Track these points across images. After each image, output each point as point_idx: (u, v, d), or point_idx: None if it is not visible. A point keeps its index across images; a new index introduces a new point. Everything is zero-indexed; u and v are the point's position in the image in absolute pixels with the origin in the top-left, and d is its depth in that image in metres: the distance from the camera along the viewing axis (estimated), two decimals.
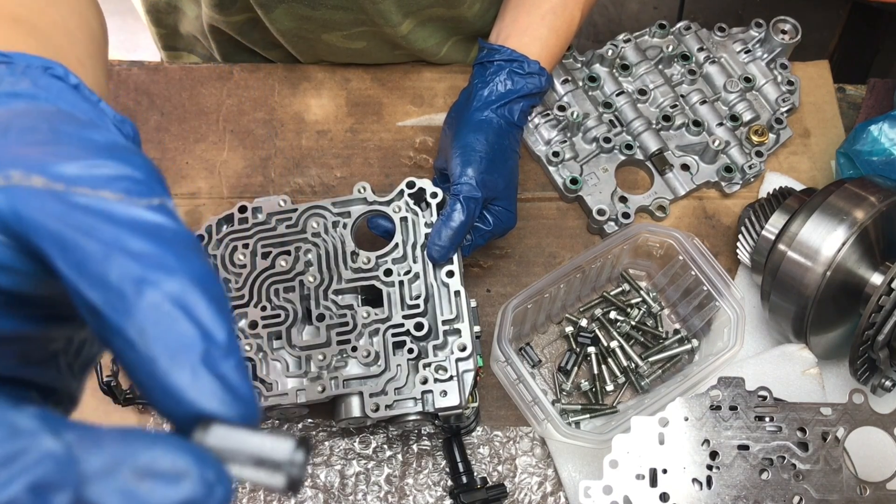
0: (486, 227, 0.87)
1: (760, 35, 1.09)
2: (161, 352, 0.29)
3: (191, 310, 0.29)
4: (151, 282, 0.29)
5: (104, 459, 0.27)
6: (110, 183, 0.32)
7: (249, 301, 0.81)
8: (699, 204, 1.03)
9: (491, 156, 0.86)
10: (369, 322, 0.80)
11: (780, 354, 0.89)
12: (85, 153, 0.33)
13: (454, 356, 0.79)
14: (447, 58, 1.10)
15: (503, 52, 0.92)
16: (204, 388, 0.29)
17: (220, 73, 1.09)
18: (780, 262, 0.85)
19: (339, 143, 1.06)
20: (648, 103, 1.06)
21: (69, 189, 0.31)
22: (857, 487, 0.72)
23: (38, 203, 0.30)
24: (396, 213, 0.84)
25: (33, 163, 0.32)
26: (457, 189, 0.83)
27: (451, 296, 0.81)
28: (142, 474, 0.28)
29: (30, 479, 0.26)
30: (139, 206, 0.32)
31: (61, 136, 0.34)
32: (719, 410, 0.75)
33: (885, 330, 0.79)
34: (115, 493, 0.27)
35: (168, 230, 0.31)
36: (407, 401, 0.78)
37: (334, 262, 0.82)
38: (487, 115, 0.89)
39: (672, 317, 0.97)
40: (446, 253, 0.81)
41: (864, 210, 0.82)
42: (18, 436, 0.26)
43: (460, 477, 0.86)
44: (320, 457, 0.90)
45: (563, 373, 0.93)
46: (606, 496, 0.73)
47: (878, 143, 0.93)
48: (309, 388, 0.78)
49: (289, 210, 0.85)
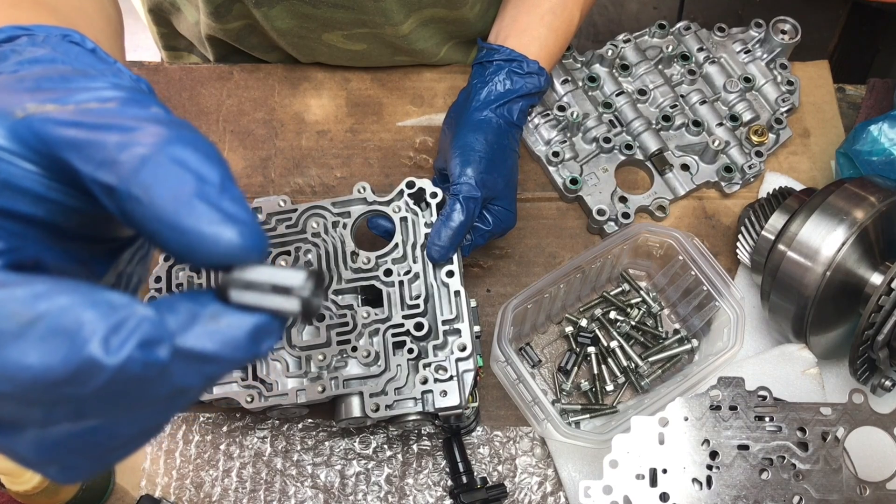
0: (486, 227, 0.87)
1: (760, 35, 1.09)
2: (162, 197, 0.34)
3: (184, 162, 0.35)
4: (151, 153, 0.35)
5: (183, 315, 0.34)
6: (116, 100, 0.38)
7: None
8: (699, 204, 1.03)
9: (490, 155, 0.86)
10: (369, 322, 0.80)
11: (780, 354, 0.89)
12: (94, 90, 0.38)
13: (454, 356, 0.79)
14: (446, 59, 1.10)
15: (502, 51, 0.92)
16: (202, 216, 0.34)
17: (220, 73, 1.09)
18: (779, 262, 0.85)
19: (339, 143, 1.06)
20: (648, 103, 1.06)
21: (78, 107, 0.37)
22: (857, 487, 0.72)
23: (53, 123, 0.36)
24: (396, 213, 0.84)
25: (46, 99, 0.37)
26: (456, 189, 0.83)
27: (451, 296, 0.81)
28: (215, 317, 0.35)
29: (138, 339, 0.32)
30: (141, 107, 0.38)
31: (72, 82, 0.39)
32: (719, 410, 0.75)
33: (884, 330, 0.79)
34: (204, 335, 0.34)
35: (163, 117, 0.37)
36: (407, 401, 0.78)
37: (334, 263, 0.82)
38: (487, 114, 0.89)
39: (672, 317, 0.97)
40: (446, 253, 0.81)
41: (863, 210, 0.82)
42: (116, 309, 0.32)
43: (460, 477, 0.86)
44: (320, 457, 0.90)
45: (563, 373, 0.93)
46: (606, 496, 0.73)
47: (878, 143, 0.93)
48: (309, 388, 0.78)
49: (289, 210, 0.85)
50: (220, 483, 0.89)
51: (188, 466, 0.89)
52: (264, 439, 0.90)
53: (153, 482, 0.88)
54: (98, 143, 0.35)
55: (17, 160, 0.36)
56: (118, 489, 0.88)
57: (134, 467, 0.89)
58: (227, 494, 0.88)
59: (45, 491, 0.76)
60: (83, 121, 0.36)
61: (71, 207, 0.38)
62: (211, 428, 0.91)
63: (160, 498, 0.87)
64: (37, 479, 0.75)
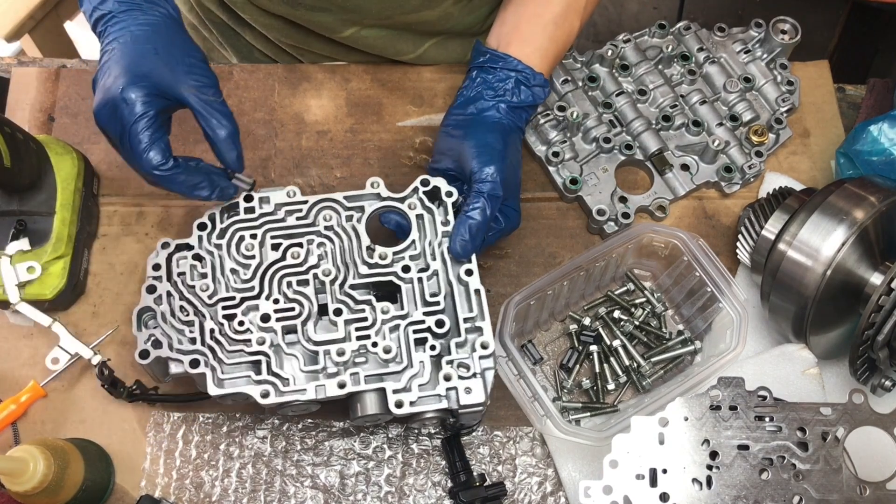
0: (498, 227, 0.88)
1: (760, 35, 1.09)
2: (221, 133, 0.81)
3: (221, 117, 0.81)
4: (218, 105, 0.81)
5: None
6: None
7: (260, 293, 0.80)
8: (699, 204, 1.03)
9: (507, 157, 0.88)
10: (389, 318, 0.79)
11: (780, 354, 0.89)
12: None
13: (477, 353, 0.79)
14: (426, 58, 1.10)
15: (509, 61, 0.93)
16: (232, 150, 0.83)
17: (220, 73, 1.09)
18: (780, 262, 0.85)
19: (338, 143, 1.06)
20: (648, 103, 1.06)
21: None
22: (857, 487, 0.72)
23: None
24: (412, 210, 0.84)
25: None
26: (480, 186, 0.84)
27: (472, 294, 0.81)
28: None
29: None
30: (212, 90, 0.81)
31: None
32: (719, 410, 0.75)
33: (885, 330, 0.79)
34: None
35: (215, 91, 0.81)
36: (431, 398, 0.78)
37: (349, 257, 0.82)
38: (500, 118, 0.91)
39: (676, 318, 0.97)
40: (472, 249, 0.82)
41: (863, 210, 0.82)
42: None
43: (459, 475, 0.86)
44: (320, 457, 0.90)
45: (565, 370, 0.94)
46: (606, 496, 0.73)
47: (878, 143, 0.93)
48: (328, 384, 0.77)
49: (299, 202, 0.84)
50: (220, 483, 0.89)
51: (188, 466, 0.89)
52: (264, 439, 0.90)
53: (153, 482, 0.88)
54: (207, 101, 0.81)
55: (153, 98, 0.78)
56: (118, 489, 0.88)
57: (134, 467, 0.89)
58: (226, 495, 0.88)
59: (45, 491, 0.76)
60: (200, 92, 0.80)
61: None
62: (211, 428, 0.91)
63: (160, 498, 0.87)
64: (37, 480, 0.74)
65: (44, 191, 0.93)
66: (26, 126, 1.03)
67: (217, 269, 0.82)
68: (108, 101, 0.77)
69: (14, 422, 0.89)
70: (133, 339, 0.93)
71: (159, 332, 0.79)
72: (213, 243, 0.83)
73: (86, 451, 0.84)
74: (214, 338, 0.78)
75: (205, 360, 0.77)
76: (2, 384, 0.91)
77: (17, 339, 0.93)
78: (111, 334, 0.93)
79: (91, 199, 0.98)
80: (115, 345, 0.93)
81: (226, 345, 0.78)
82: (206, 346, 0.78)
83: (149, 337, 0.79)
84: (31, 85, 1.06)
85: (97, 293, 0.96)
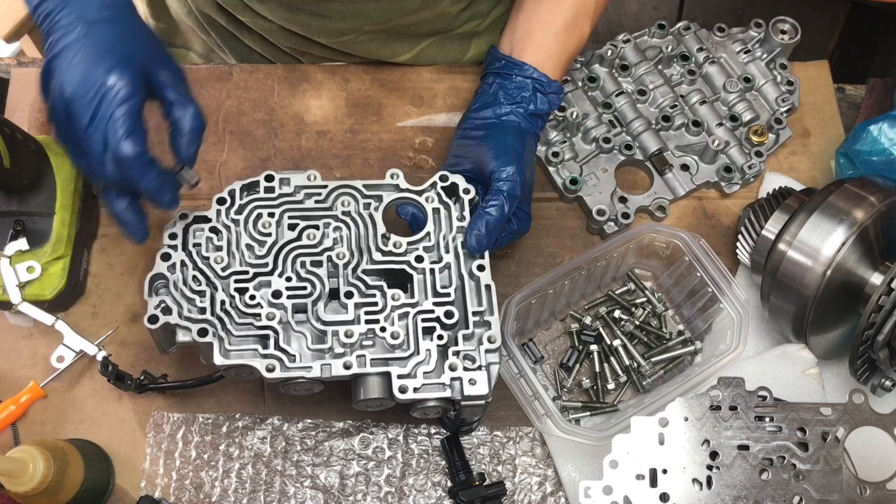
0: (512, 228, 0.89)
1: (760, 35, 1.09)
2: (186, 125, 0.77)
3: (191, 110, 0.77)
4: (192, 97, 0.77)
5: None
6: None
7: (273, 270, 0.81)
8: (699, 204, 1.03)
9: (526, 160, 0.89)
10: (399, 305, 0.80)
11: (780, 354, 0.89)
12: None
13: (483, 347, 0.79)
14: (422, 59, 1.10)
15: (525, 69, 0.94)
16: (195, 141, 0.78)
17: (220, 73, 1.09)
18: (779, 262, 0.85)
19: (338, 143, 1.06)
20: (648, 103, 1.06)
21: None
22: (857, 487, 0.72)
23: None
24: (429, 203, 0.85)
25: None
26: (500, 184, 0.85)
27: (482, 289, 0.81)
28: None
29: None
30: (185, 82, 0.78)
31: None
32: (719, 410, 0.75)
33: (885, 330, 0.79)
34: None
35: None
36: (435, 386, 0.78)
37: (364, 243, 0.83)
38: (520, 122, 0.92)
39: (676, 318, 0.97)
40: (486, 244, 0.82)
41: (863, 210, 0.82)
42: None
43: (458, 475, 0.86)
44: (320, 457, 0.90)
45: (565, 369, 0.94)
46: (606, 496, 0.73)
47: (878, 143, 0.93)
48: (334, 364, 0.77)
49: (318, 185, 0.85)
50: (220, 484, 0.89)
51: (188, 467, 0.89)
52: (264, 440, 0.90)
53: (153, 483, 0.88)
54: (177, 89, 0.77)
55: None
56: (118, 489, 0.88)
57: (133, 468, 0.89)
58: (226, 495, 0.88)
59: (45, 492, 0.76)
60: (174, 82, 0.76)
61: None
62: (210, 429, 0.91)
63: (160, 498, 0.87)
64: (36, 480, 0.74)
65: (43, 191, 0.93)
66: (26, 126, 1.02)
67: (233, 244, 0.82)
68: (84, 83, 0.70)
69: (14, 422, 0.89)
70: (133, 340, 0.93)
71: (170, 300, 0.79)
72: (231, 218, 0.83)
73: (85, 451, 0.84)
74: (224, 309, 0.78)
75: (213, 330, 0.77)
76: (1, 385, 0.91)
77: (17, 340, 0.93)
78: (111, 334, 0.93)
79: (91, 200, 0.98)
80: (116, 345, 0.93)
81: (235, 317, 0.78)
82: (216, 317, 0.78)
83: (159, 303, 0.79)
84: (31, 85, 1.06)
85: (97, 294, 0.96)
